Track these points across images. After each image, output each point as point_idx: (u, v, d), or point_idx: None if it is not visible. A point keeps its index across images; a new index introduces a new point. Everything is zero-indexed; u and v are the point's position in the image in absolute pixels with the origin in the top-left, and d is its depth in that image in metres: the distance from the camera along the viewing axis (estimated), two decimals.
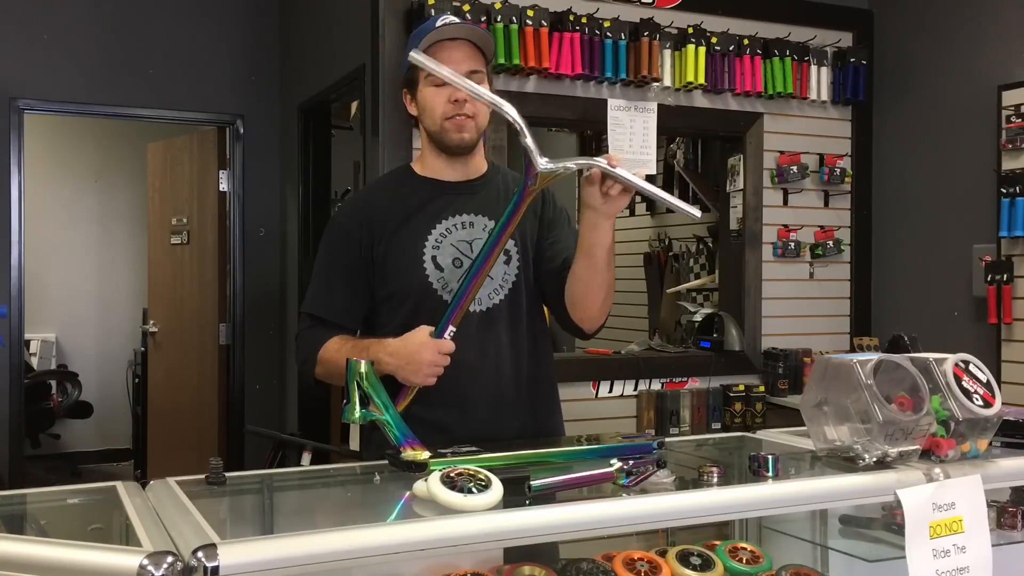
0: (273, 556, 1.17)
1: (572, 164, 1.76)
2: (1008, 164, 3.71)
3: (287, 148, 5.14)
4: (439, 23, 1.95)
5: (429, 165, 2.07)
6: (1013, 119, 3.69)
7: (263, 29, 5.27)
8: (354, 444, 3.82)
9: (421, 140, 2.09)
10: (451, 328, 1.84)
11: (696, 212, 1.77)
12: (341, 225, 2.09)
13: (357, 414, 1.66)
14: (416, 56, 1.77)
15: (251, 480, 1.78)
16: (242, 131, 5.19)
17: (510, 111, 1.76)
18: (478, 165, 2.08)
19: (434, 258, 1.99)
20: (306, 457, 3.75)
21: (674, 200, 1.76)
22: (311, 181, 4.85)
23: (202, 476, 1.55)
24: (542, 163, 1.75)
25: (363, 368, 1.67)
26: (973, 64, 3.97)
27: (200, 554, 1.13)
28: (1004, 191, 3.68)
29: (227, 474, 1.58)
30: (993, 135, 3.78)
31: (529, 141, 1.74)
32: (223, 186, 5.22)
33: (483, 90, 1.82)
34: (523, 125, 1.75)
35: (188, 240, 5.51)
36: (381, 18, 3.57)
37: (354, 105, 4.69)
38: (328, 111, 4.83)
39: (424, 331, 1.85)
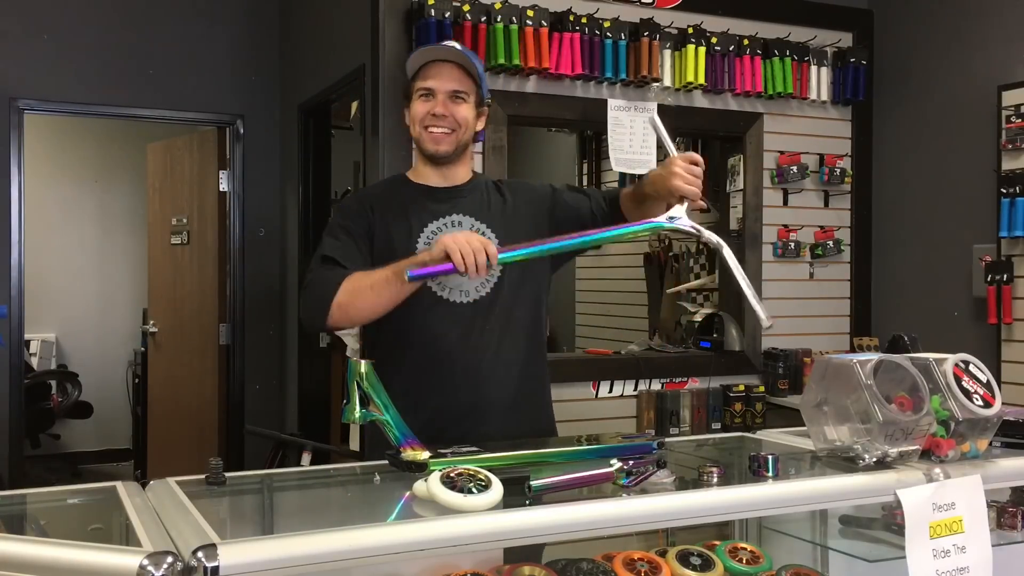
0: (273, 556, 1.17)
1: (703, 231, 2.00)
2: (1008, 164, 3.71)
3: (287, 148, 5.14)
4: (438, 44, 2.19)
5: (421, 173, 2.27)
6: (1013, 119, 3.69)
7: (263, 29, 5.27)
8: (354, 444, 3.82)
9: (414, 152, 2.30)
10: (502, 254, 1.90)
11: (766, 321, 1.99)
12: (351, 204, 2.41)
13: (357, 414, 1.66)
14: (654, 118, 2.11)
15: (251, 480, 1.78)
16: (242, 131, 5.19)
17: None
18: (463, 173, 2.28)
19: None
20: (306, 457, 3.76)
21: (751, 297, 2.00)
22: (311, 181, 4.84)
23: (202, 476, 1.55)
24: (684, 221, 1.98)
25: (363, 368, 1.67)
26: (973, 64, 3.97)
27: (200, 554, 1.13)
28: (1004, 191, 3.68)
29: (227, 474, 1.58)
30: (993, 135, 3.78)
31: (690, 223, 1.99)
32: (223, 186, 5.22)
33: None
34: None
35: (188, 240, 5.51)
36: (381, 18, 3.57)
37: (354, 105, 4.69)
38: (328, 111, 4.82)
39: None
